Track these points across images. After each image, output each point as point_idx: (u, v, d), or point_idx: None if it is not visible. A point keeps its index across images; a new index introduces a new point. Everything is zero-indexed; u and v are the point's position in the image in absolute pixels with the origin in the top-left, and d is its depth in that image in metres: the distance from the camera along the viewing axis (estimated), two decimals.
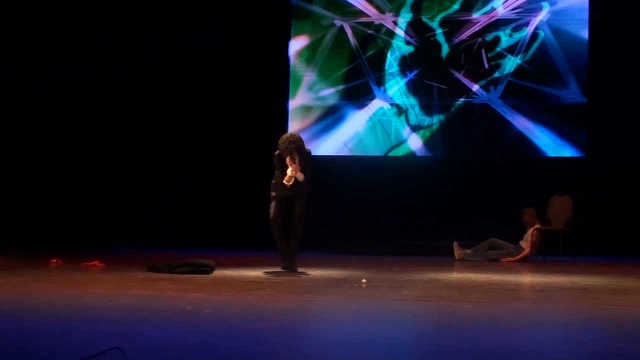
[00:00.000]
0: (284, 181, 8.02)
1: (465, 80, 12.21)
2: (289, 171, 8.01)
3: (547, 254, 10.48)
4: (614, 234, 11.61)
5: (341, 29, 12.56)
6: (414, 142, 12.32)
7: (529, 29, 12.09)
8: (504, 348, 3.88)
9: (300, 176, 8.05)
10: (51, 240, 11.03)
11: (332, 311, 5.41)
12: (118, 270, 7.88)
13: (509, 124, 12.11)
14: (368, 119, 12.42)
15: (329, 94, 12.57)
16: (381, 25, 12.47)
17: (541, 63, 12.04)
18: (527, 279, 8.14)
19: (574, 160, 11.94)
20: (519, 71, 12.10)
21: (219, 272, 7.75)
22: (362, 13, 12.51)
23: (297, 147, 8.01)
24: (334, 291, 6.45)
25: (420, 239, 11.81)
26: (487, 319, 4.96)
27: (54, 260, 8.69)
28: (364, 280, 6.94)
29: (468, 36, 12.22)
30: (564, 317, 5.26)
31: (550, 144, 12.00)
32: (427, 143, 12.30)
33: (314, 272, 7.95)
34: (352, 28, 12.54)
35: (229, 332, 4.23)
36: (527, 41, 12.08)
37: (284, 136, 8.20)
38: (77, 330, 4.22)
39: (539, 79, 12.04)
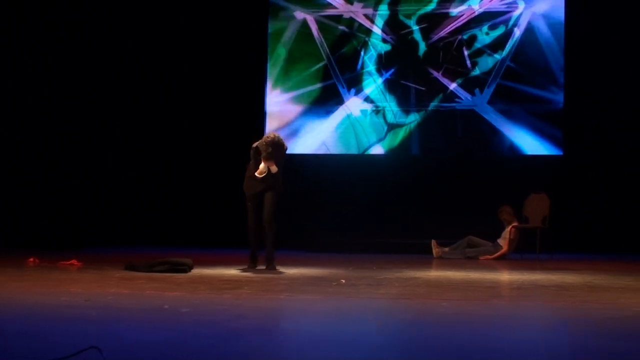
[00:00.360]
0: (256, 173, 8.02)
1: (443, 79, 12.25)
2: (261, 166, 8.02)
3: (524, 252, 10.54)
4: (590, 232, 11.70)
5: (304, 22, 12.54)
6: (392, 141, 12.35)
7: (506, 27, 12.15)
8: (482, 345, 3.90)
9: (274, 168, 8.07)
10: (28, 239, 10.96)
11: (310, 310, 5.40)
12: (96, 269, 7.83)
13: (486, 122, 12.17)
14: (345, 117, 12.43)
15: (301, 93, 12.57)
16: (352, 20, 12.45)
17: (518, 61, 12.11)
18: (504, 276, 8.17)
19: (551, 158, 12.02)
20: (496, 70, 12.15)
21: (196, 271, 7.73)
22: (329, 5, 12.48)
23: (274, 143, 8.06)
24: (312, 290, 6.45)
25: (398, 237, 11.84)
26: (464, 317, 4.97)
27: (31, 260, 8.63)
28: (343, 281, 6.94)
29: (446, 34, 12.26)
30: (541, 314, 5.28)
31: (528, 142, 12.07)
32: (405, 142, 12.33)
33: (292, 271, 7.94)
34: (317, 22, 12.51)
35: (207, 331, 4.22)
36: (504, 40, 12.14)
37: (267, 135, 8.36)
38: (54, 329, 4.18)
39: (516, 78, 12.11)
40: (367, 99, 12.41)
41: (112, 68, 12.64)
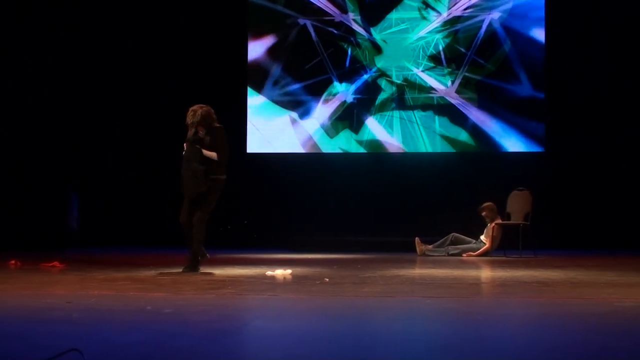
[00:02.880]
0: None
1: (424, 76, 12.27)
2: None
3: (507, 249, 10.57)
4: (572, 228, 11.76)
5: (304, 27, 12.58)
6: (374, 139, 12.37)
7: (485, 26, 12.19)
8: (464, 342, 3.90)
9: (212, 155, 7.43)
10: (9, 242, 10.89)
11: (293, 309, 5.39)
12: (78, 271, 7.79)
13: (468, 120, 12.20)
14: (332, 112, 12.44)
15: (294, 89, 12.58)
16: (341, 23, 12.49)
17: (499, 59, 12.16)
18: (487, 273, 8.19)
19: (533, 155, 12.07)
20: (477, 68, 12.19)
21: (179, 271, 7.68)
22: (324, 12, 12.53)
23: (203, 119, 7.38)
24: (296, 289, 6.44)
25: (382, 235, 11.86)
26: (448, 314, 4.98)
27: (13, 262, 8.56)
28: (326, 279, 6.94)
29: (425, 33, 12.28)
30: (524, 310, 5.30)
31: (510, 140, 12.11)
32: (387, 139, 12.35)
33: (276, 270, 7.92)
34: (314, 26, 12.55)
35: (190, 331, 4.20)
36: (484, 38, 12.18)
37: (192, 108, 7.54)
38: (36, 331, 4.15)
39: (498, 76, 12.15)
40: (348, 98, 12.42)
41: (101, 71, 12.59)
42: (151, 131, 12.65)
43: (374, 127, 12.38)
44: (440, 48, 12.27)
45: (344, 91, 12.46)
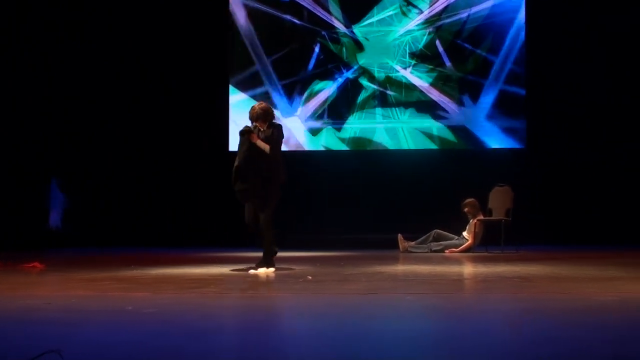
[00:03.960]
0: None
1: (406, 74, 12.29)
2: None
3: (489, 245, 10.61)
4: (553, 224, 11.82)
5: (287, 24, 12.59)
6: (355, 136, 12.38)
7: (466, 23, 12.22)
8: (446, 338, 3.91)
9: (264, 146, 7.52)
10: None
11: (276, 307, 5.38)
12: (59, 271, 7.74)
13: (449, 117, 12.23)
14: (314, 110, 12.45)
15: (276, 87, 12.59)
16: (323, 20, 12.52)
17: (480, 57, 12.18)
18: (470, 269, 8.21)
19: (514, 152, 12.11)
20: (458, 65, 12.22)
21: (161, 270, 7.66)
22: (305, 9, 12.55)
23: (260, 115, 7.55)
24: (279, 287, 6.43)
25: (365, 232, 11.87)
26: (430, 310, 4.99)
27: None
28: (309, 277, 6.93)
29: (407, 30, 12.30)
30: (506, 306, 5.31)
31: (491, 136, 12.15)
32: (369, 136, 12.36)
33: (259, 269, 7.89)
34: (296, 24, 12.57)
35: (172, 331, 4.17)
36: (465, 35, 12.21)
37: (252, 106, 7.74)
38: (15, 333, 4.12)
39: (479, 73, 12.19)
40: (331, 95, 12.42)
41: (81, 67, 12.52)
42: (136, 130, 12.61)
43: (357, 124, 12.39)
44: (422, 45, 12.29)
45: (326, 89, 12.45)
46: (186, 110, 12.63)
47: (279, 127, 7.72)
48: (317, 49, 12.50)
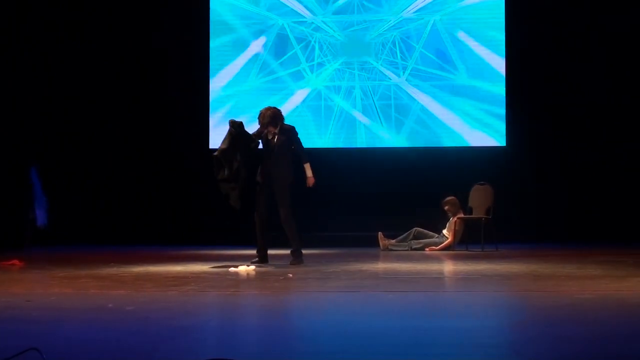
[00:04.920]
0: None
1: (385, 70, 12.32)
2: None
3: (469, 243, 10.64)
4: (534, 222, 11.88)
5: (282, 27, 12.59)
6: (335, 133, 12.39)
7: (448, 19, 12.26)
8: (427, 335, 3.92)
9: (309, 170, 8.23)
10: None
11: (256, 305, 5.38)
12: (38, 269, 7.70)
13: (429, 115, 12.27)
14: (294, 108, 12.43)
15: (257, 85, 12.57)
16: (305, 19, 12.52)
17: (461, 55, 12.22)
18: (450, 267, 8.25)
19: (494, 149, 12.16)
20: (439, 64, 12.25)
21: (142, 268, 7.63)
22: (297, 14, 12.55)
23: (271, 121, 7.97)
24: (260, 285, 6.43)
25: (345, 230, 11.87)
26: (410, 308, 5.00)
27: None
28: (290, 275, 6.93)
29: (384, 30, 12.36)
30: (486, 304, 5.34)
31: (471, 134, 12.20)
32: (349, 134, 12.39)
33: (240, 266, 7.89)
34: (283, 24, 12.56)
35: (151, 328, 4.17)
36: (444, 32, 12.24)
37: (267, 109, 8.10)
38: None
39: (459, 71, 12.22)
40: (313, 91, 12.43)
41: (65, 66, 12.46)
42: (122, 127, 12.56)
43: (337, 123, 12.39)
44: (402, 44, 12.32)
45: (304, 89, 12.45)
46: (168, 108, 12.58)
47: (294, 131, 8.17)
48: (297, 46, 12.48)
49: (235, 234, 10.68)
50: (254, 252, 8.32)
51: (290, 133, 8.12)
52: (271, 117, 7.99)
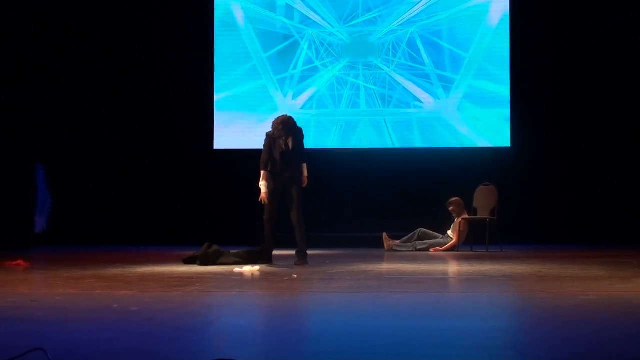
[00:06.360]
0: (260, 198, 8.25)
1: (392, 72, 12.31)
2: (262, 187, 8.24)
3: (474, 244, 10.63)
4: (538, 223, 11.87)
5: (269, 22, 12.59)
6: (341, 135, 12.39)
7: (451, 20, 12.25)
8: (433, 337, 3.92)
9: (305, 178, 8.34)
10: None
11: (261, 305, 5.39)
12: (43, 269, 7.71)
13: (434, 115, 12.26)
14: (298, 109, 12.44)
15: (259, 86, 12.58)
16: (310, 20, 12.54)
17: (466, 55, 12.21)
18: (455, 268, 8.24)
19: (499, 150, 12.15)
20: (443, 64, 12.24)
21: (147, 269, 7.64)
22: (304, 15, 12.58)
23: (291, 127, 8.17)
24: (264, 285, 6.43)
25: (350, 231, 11.87)
26: (416, 309, 5.00)
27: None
28: (294, 276, 6.93)
29: (391, 29, 12.34)
30: (490, 304, 5.33)
31: (476, 135, 12.19)
32: (355, 135, 12.38)
33: (245, 267, 7.90)
34: (281, 23, 12.56)
35: (156, 329, 4.17)
36: (449, 33, 12.24)
37: (277, 119, 8.27)
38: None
39: (463, 71, 12.21)
40: (315, 93, 12.44)
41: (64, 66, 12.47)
42: (127, 128, 12.57)
43: (340, 123, 12.39)
44: (404, 45, 12.31)
45: (313, 86, 12.45)
46: (174, 108, 12.59)
47: (302, 132, 8.37)
48: (305, 47, 12.48)
49: (236, 234, 10.68)
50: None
51: (299, 134, 8.36)
52: (282, 127, 8.19)
